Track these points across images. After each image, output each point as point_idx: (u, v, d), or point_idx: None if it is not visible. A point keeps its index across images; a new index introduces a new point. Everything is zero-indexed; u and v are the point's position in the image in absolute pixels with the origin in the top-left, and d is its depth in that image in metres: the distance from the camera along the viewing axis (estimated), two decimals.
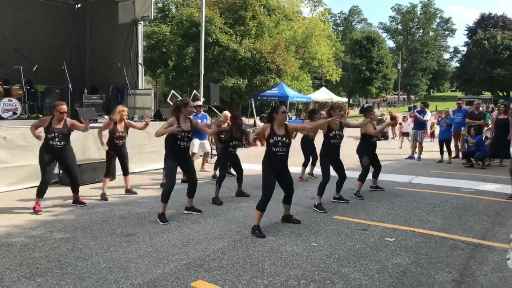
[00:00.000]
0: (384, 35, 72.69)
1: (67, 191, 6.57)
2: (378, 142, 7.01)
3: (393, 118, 16.51)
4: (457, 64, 65.19)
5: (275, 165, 4.77)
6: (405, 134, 15.51)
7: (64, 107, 5.67)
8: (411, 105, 54.60)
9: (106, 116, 11.34)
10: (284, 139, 4.71)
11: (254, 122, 18.99)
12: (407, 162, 11.23)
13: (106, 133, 6.59)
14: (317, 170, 8.42)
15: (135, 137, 8.63)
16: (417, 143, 11.56)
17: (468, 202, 6.34)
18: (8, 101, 9.40)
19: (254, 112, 21.58)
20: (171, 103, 13.12)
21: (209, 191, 6.82)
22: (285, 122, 4.89)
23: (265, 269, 3.70)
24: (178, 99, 6.17)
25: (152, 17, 12.30)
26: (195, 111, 9.25)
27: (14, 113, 9.44)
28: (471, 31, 60.75)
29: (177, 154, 5.27)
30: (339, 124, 5.94)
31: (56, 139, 5.61)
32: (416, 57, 70.03)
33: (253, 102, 22.36)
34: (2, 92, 9.94)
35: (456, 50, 76.96)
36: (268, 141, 4.70)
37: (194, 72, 24.95)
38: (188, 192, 5.55)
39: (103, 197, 6.46)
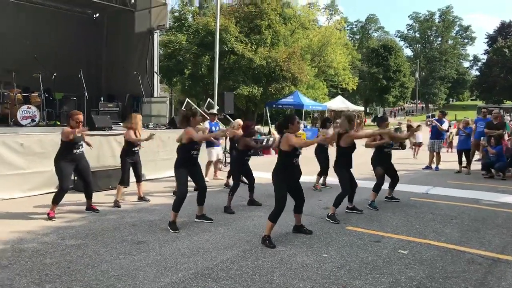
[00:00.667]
0: (402, 43, 72.06)
1: (81, 197, 6.64)
2: (394, 151, 6.87)
3: (410, 126, 16.23)
4: (477, 73, 64.12)
5: (291, 176, 4.71)
6: (418, 145, 14.96)
7: (81, 117, 5.77)
8: (430, 114, 53.80)
9: (121, 124, 11.48)
10: (300, 150, 4.70)
11: (269, 130, 18.94)
12: (424, 172, 11.00)
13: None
14: (329, 179, 8.33)
15: (149, 144, 8.67)
16: (435, 153, 11.34)
17: (487, 215, 6.14)
18: (27, 108, 9.59)
19: (269, 121, 21.55)
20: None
21: (221, 199, 6.79)
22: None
23: (274, 280, 3.63)
24: (186, 109, 6.24)
25: (168, 26, 12.46)
26: (208, 118, 9.30)
27: (33, 120, 9.62)
28: (491, 39, 59.74)
29: (188, 163, 5.27)
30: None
31: (80, 147, 5.74)
32: (435, 66, 69.10)
33: (267, 110, 22.34)
34: (21, 100, 10.16)
35: (475, 59, 75.78)
36: (294, 153, 4.63)
37: (210, 81, 25.08)
38: (198, 199, 5.53)
39: (116, 204, 6.50)
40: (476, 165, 11.06)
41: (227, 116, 12.25)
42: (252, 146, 6.54)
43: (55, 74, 10.65)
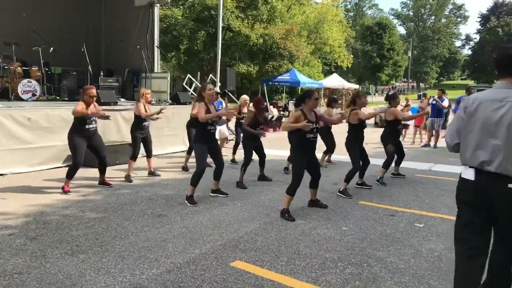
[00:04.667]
0: (395, 21, 71.68)
1: (90, 172, 6.68)
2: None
3: (407, 105, 16.27)
4: (469, 52, 64.39)
5: (308, 151, 4.78)
6: (405, 126, 14.33)
7: (94, 91, 5.72)
8: (421, 93, 54.25)
9: (122, 99, 11.39)
10: (316, 125, 4.73)
11: (266, 107, 18.91)
12: (423, 150, 11.21)
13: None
14: (335, 156, 8.47)
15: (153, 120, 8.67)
16: (434, 131, 11.53)
17: None
18: (28, 82, 9.45)
19: (267, 98, 21.51)
20: (187, 88, 13.14)
21: (230, 175, 6.86)
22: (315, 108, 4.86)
23: (301, 251, 3.74)
24: (206, 82, 6.16)
25: (169, 0, 12.17)
26: (219, 92, 9.25)
27: (33, 95, 9.50)
28: (484, 18, 59.70)
29: (207, 139, 5.30)
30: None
31: (92, 123, 5.68)
32: (427, 44, 69.07)
33: (265, 87, 22.24)
34: (22, 74, 9.99)
35: (468, 38, 75.94)
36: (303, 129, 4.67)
37: (205, 57, 24.82)
38: (214, 174, 5.60)
39: (128, 178, 6.54)
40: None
41: (228, 92, 12.19)
42: (250, 133, 6.49)
43: (52, 48, 10.45)
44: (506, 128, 2.26)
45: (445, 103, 11.50)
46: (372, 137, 9.13)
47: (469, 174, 2.43)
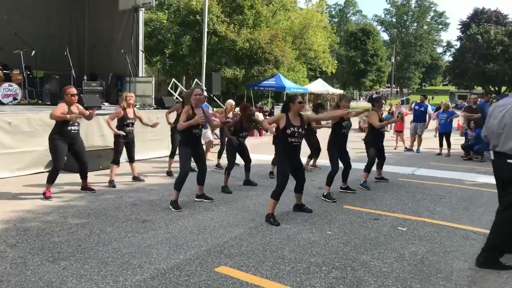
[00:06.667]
0: (379, 27, 72.84)
1: (72, 177, 6.58)
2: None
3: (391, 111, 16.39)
4: (450, 58, 65.76)
5: (290, 155, 4.80)
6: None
7: (74, 90, 5.63)
8: (404, 98, 55.14)
9: (106, 103, 11.27)
10: (300, 129, 4.75)
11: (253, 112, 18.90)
12: (406, 154, 11.36)
13: (114, 121, 6.57)
14: (319, 161, 8.52)
15: (137, 125, 8.58)
16: (417, 136, 11.71)
17: (472, 194, 6.45)
18: (8, 86, 9.29)
19: (253, 103, 21.55)
20: (172, 92, 13.08)
21: (215, 179, 6.85)
22: (301, 112, 4.90)
23: (285, 256, 3.75)
24: (192, 87, 6.15)
25: (154, 4, 12.12)
26: (206, 96, 9.21)
27: (15, 99, 9.34)
28: (465, 26, 61.10)
29: (192, 142, 5.27)
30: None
31: (75, 124, 5.58)
32: (410, 51, 70.36)
33: (251, 92, 22.28)
34: (2, 77, 9.80)
35: (449, 44, 77.61)
36: (284, 132, 4.70)
37: (191, 61, 24.73)
38: (198, 179, 5.58)
39: (111, 184, 6.45)
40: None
41: (214, 97, 12.18)
42: (255, 121, 6.49)
43: (34, 51, 10.28)
44: (503, 124, 3.57)
45: (430, 109, 11.75)
46: (355, 141, 9.24)
47: (492, 155, 3.76)
